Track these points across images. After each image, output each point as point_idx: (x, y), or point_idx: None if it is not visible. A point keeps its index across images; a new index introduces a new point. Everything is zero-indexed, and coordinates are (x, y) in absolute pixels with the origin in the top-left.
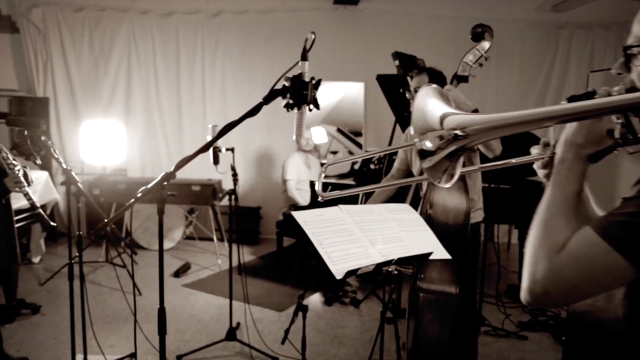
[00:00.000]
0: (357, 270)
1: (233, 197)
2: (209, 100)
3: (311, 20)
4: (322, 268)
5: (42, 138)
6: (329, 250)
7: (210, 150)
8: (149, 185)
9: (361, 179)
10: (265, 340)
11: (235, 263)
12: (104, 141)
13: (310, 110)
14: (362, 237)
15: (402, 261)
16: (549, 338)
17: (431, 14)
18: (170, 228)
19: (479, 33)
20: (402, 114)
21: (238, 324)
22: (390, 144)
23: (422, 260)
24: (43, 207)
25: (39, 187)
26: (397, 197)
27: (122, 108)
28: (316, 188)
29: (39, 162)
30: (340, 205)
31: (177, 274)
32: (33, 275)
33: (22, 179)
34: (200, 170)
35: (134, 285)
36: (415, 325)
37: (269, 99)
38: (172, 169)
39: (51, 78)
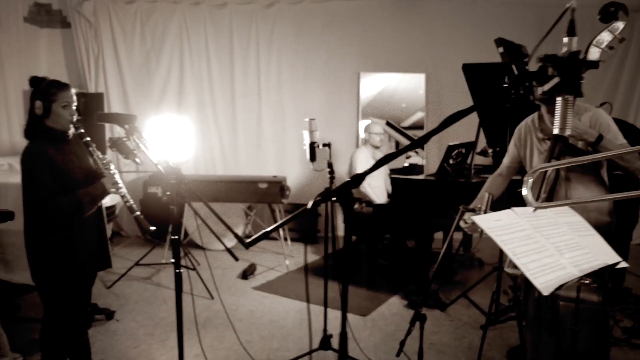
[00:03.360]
0: (562, 285)
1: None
2: (264, 93)
3: (369, 8)
4: (392, 268)
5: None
6: (524, 261)
7: (307, 146)
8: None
9: (442, 175)
10: (359, 348)
11: (300, 263)
12: (165, 137)
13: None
14: (547, 244)
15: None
16: None
17: (495, 0)
18: (230, 227)
19: (610, 12)
20: (499, 105)
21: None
22: (477, 138)
23: (606, 271)
24: (113, 207)
25: None
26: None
27: (174, 102)
28: (525, 194)
29: (138, 161)
30: (514, 208)
31: (245, 275)
32: (97, 278)
33: (119, 180)
34: (257, 167)
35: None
36: (557, 339)
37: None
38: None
39: (102, 73)
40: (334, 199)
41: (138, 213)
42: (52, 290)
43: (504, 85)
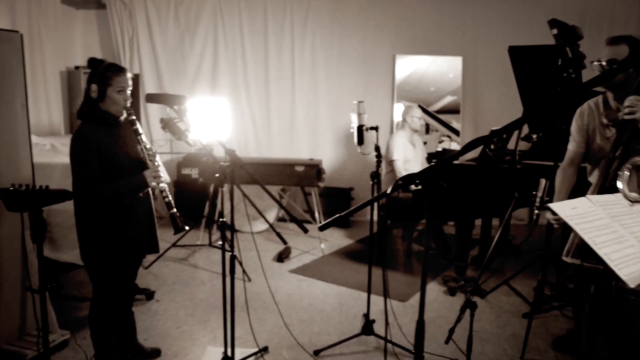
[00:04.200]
0: None
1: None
2: (298, 76)
3: None
4: (429, 254)
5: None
6: (606, 251)
7: (355, 129)
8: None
9: (483, 160)
10: (401, 334)
11: (335, 247)
12: (202, 119)
13: None
14: (626, 234)
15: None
16: None
17: None
18: (263, 209)
19: None
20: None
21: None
22: (522, 124)
23: None
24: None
25: None
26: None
27: (208, 85)
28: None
29: (191, 142)
30: (589, 196)
31: (281, 258)
32: None
33: (163, 173)
34: (290, 150)
35: (244, 271)
36: (622, 333)
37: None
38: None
39: (137, 54)
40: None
41: (174, 210)
42: (101, 269)
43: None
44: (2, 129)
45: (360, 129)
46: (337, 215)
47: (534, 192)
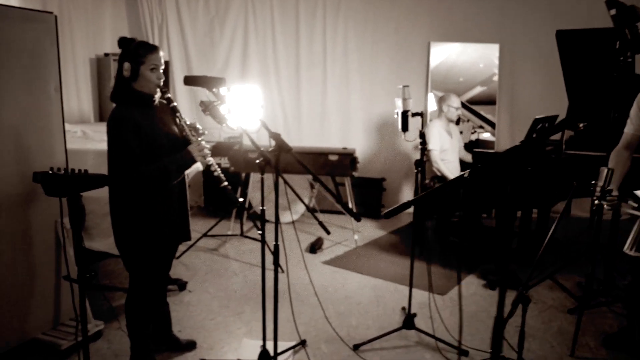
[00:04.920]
0: None
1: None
2: (329, 64)
3: None
4: (464, 246)
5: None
6: None
7: (399, 115)
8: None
9: (529, 149)
10: (441, 329)
11: (367, 238)
12: (235, 106)
13: None
14: None
15: None
16: None
17: None
18: (294, 199)
19: None
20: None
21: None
22: (570, 108)
23: None
24: None
25: None
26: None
27: (238, 72)
28: None
29: (232, 127)
30: None
31: (314, 249)
32: None
33: (207, 148)
34: (321, 138)
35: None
36: None
37: None
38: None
39: (166, 41)
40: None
41: (226, 183)
42: (138, 258)
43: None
44: (37, 114)
45: (405, 114)
46: (402, 202)
47: (593, 182)
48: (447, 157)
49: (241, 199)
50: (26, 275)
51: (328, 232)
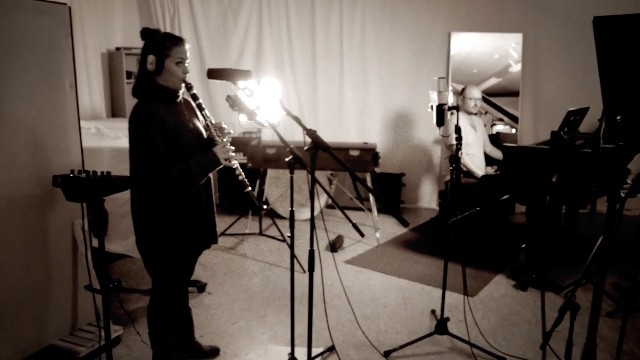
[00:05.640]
0: None
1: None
2: (346, 54)
3: None
4: (491, 244)
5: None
6: None
7: (434, 109)
8: None
9: (558, 143)
10: (474, 332)
11: (388, 236)
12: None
13: None
14: None
15: None
16: None
17: None
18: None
19: None
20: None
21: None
22: (605, 102)
23: None
24: None
25: None
26: None
27: (252, 65)
28: None
29: (265, 123)
30: None
31: (334, 248)
32: None
33: (232, 150)
34: (338, 133)
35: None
36: None
37: None
38: None
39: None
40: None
41: (250, 189)
42: (162, 262)
43: None
44: (51, 111)
45: (440, 108)
46: (473, 210)
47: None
48: (472, 151)
49: (265, 206)
50: (42, 278)
51: (362, 235)
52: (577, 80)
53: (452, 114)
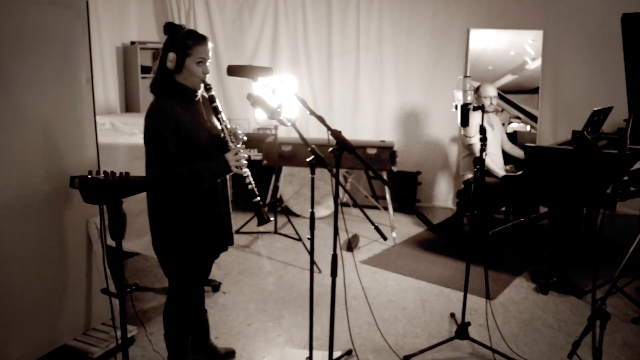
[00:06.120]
0: None
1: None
2: (362, 51)
3: None
4: (509, 246)
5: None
6: None
7: (458, 108)
8: None
9: (581, 144)
10: (496, 337)
11: (404, 236)
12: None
13: None
14: None
15: None
16: None
17: None
18: (327, 194)
19: None
20: None
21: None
22: (630, 102)
23: None
24: None
25: None
26: None
27: (268, 61)
28: None
29: (287, 122)
30: None
31: (350, 247)
32: None
33: (245, 158)
34: (353, 131)
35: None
36: None
37: None
38: None
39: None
40: None
41: (258, 199)
42: (179, 264)
43: None
44: (67, 106)
45: (465, 108)
46: (518, 221)
47: None
48: (490, 150)
49: (272, 218)
50: (57, 278)
51: (385, 238)
52: (598, 78)
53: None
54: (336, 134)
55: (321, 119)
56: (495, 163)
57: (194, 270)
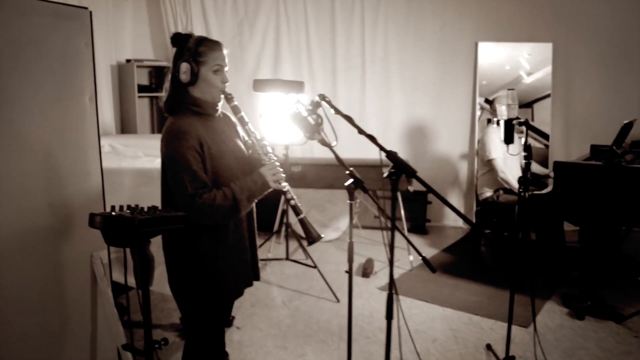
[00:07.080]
0: None
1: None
2: (368, 67)
3: None
4: (532, 267)
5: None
6: None
7: (501, 125)
8: None
9: (611, 159)
10: None
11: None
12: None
13: None
14: None
15: None
16: None
17: None
18: (335, 216)
19: None
20: None
21: (512, 355)
22: None
23: None
24: None
25: None
26: None
27: (269, 77)
28: None
29: (331, 142)
30: None
31: (365, 273)
32: None
33: (282, 171)
34: (359, 148)
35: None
36: None
37: None
38: None
39: None
40: None
41: (304, 215)
42: (198, 306)
43: None
44: (69, 128)
45: (509, 123)
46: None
47: None
48: (510, 164)
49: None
50: (58, 319)
51: (434, 271)
52: (611, 90)
53: (488, 127)
54: (393, 155)
55: (372, 138)
56: (516, 179)
57: (217, 312)
